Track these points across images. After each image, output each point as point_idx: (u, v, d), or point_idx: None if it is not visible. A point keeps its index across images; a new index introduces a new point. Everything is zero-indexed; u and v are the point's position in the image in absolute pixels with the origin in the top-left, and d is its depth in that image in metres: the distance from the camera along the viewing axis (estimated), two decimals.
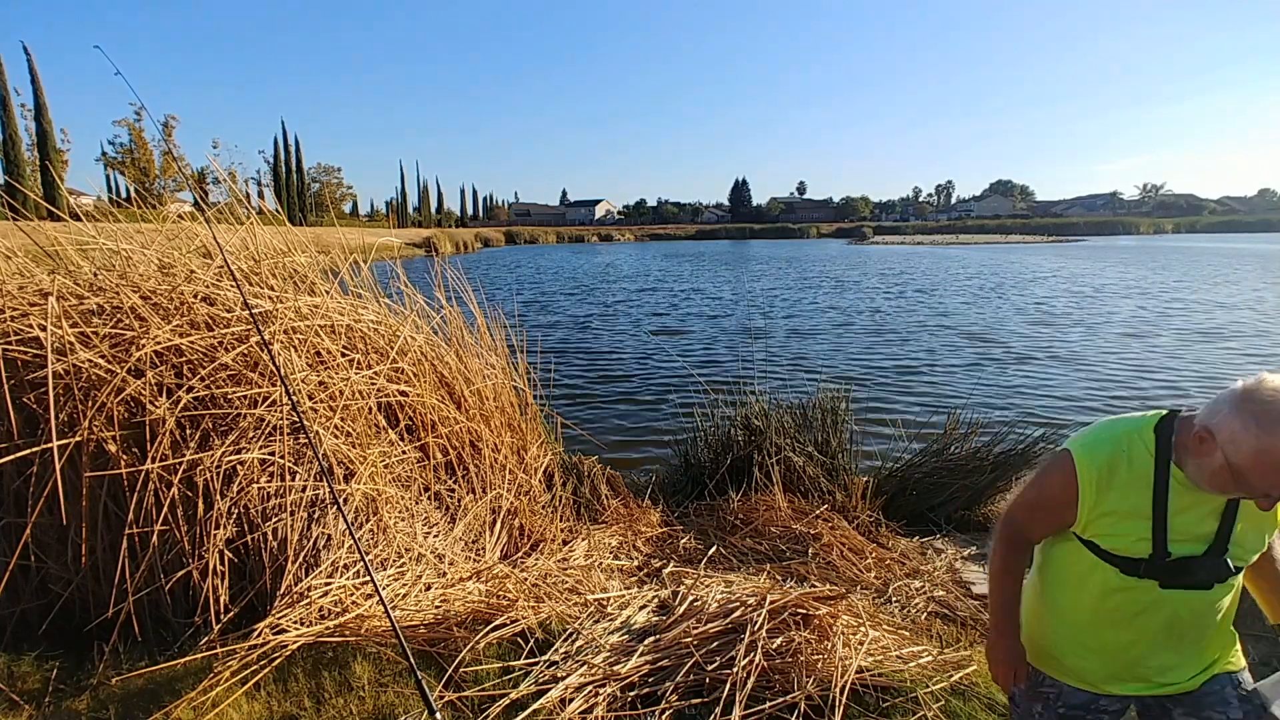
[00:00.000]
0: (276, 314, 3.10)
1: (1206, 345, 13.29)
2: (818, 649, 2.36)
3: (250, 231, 3.51)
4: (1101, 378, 10.88)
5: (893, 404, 9.36)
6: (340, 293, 3.66)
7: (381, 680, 2.29)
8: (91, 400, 2.67)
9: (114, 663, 2.44)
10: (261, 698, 2.22)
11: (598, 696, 2.14)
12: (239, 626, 2.59)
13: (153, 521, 2.60)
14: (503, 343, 4.40)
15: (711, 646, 2.32)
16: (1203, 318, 16.63)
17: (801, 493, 4.90)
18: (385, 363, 3.43)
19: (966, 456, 5.05)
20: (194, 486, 2.69)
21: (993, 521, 4.88)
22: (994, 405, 9.22)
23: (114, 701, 2.24)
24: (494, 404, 4.05)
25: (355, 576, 2.79)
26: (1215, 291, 22.21)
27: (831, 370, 11.09)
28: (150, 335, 2.79)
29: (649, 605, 2.66)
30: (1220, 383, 8.84)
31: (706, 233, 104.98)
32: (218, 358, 2.87)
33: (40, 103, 42.40)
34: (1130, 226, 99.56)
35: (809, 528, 4.19)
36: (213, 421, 2.82)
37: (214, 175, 4.21)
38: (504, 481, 3.78)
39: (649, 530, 4.34)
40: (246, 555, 2.77)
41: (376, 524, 3.02)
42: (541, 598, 2.88)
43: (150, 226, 3.44)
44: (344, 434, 3.09)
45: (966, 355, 12.78)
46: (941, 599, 3.43)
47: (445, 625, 2.62)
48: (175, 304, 2.99)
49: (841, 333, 15.25)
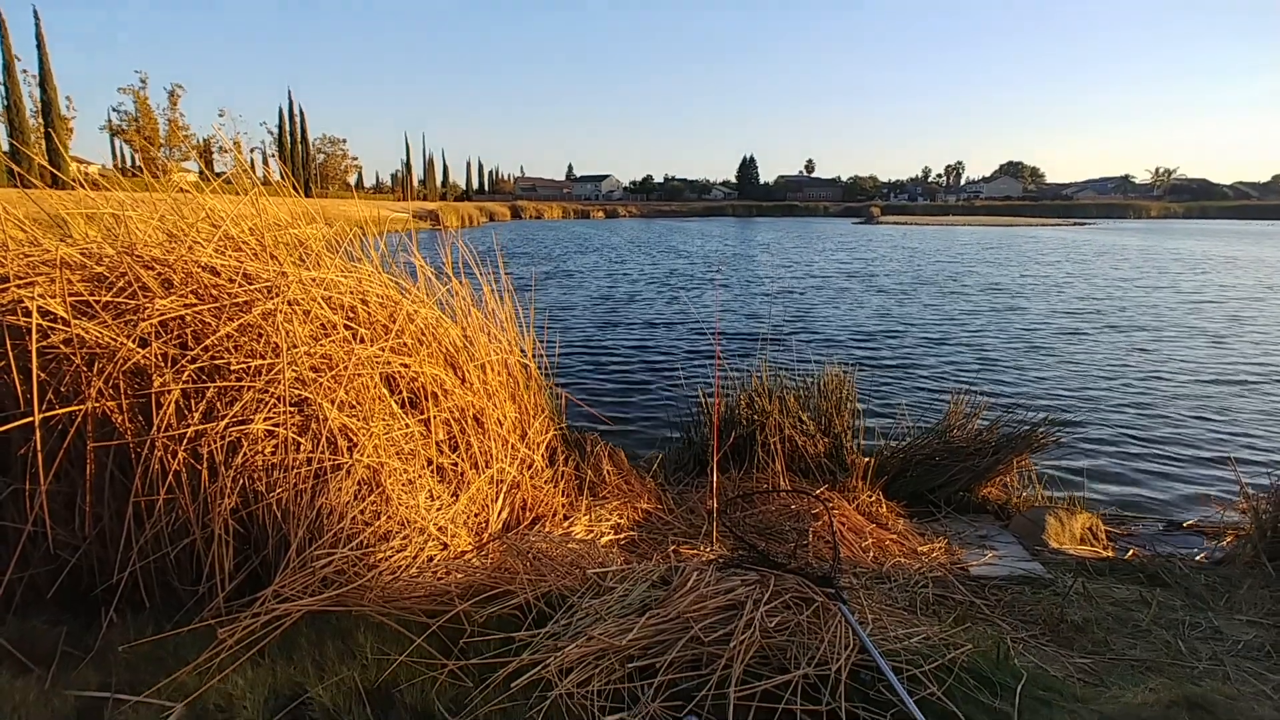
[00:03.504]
0: (281, 285, 3.09)
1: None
2: (816, 628, 2.38)
3: (255, 202, 3.49)
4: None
5: (900, 385, 9.36)
6: (346, 265, 3.65)
7: (384, 649, 2.32)
8: (97, 369, 2.68)
9: (121, 628, 2.48)
10: (265, 665, 2.26)
11: (596, 667, 2.17)
12: (243, 595, 2.62)
13: (158, 490, 2.62)
14: (509, 317, 4.39)
15: (709, 622, 2.34)
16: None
17: (803, 472, 4.92)
18: (390, 336, 3.43)
19: (969, 439, 5.05)
20: (199, 456, 2.72)
21: (991, 504, 4.90)
22: (1009, 388, 9.22)
23: (121, 666, 2.28)
24: (498, 378, 4.06)
25: (359, 547, 2.82)
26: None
27: (847, 346, 11.08)
28: (155, 305, 2.80)
29: (648, 580, 2.68)
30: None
31: (713, 210, 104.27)
32: (222, 328, 2.88)
33: (45, 69, 42.09)
34: (1141, 210, 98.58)
35: (809, 507, 4.21)
36: (217, 392, 2.84)
37: (219, 145, 4.19)
38: (507, 456, 3.80)
39: (650, 506, 4.37)
40: (251, 524, 2.80)
41: (379, 496, 3.04)
42: (543, 571, 2.91)
43: (157, 196, 3.43)
44: (347, 406, 3.10)
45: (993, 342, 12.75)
46: (939, 579, 3.45)
47: (448, 597, 2.65)
48: (180, 274, 2.98)
49: (853, 309, 15.22)
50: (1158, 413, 8.21)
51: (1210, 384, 9.52)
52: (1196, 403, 8.61)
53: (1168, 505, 5.69)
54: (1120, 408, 8.39)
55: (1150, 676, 2.55)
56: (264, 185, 3.60)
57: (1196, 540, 4.68)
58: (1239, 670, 2.67)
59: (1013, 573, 3.74)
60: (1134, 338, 12.67)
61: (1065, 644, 2.87)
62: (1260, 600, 3.33)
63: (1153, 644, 2.90)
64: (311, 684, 2.15)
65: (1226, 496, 5.40)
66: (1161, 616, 3.16)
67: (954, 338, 12.44)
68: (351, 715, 2.01)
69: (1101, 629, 2.99)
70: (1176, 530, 4.94)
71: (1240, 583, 3.55)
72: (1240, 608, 3.28)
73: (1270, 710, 2.27)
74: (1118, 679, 2.52)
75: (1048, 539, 4.25)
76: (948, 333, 12.92)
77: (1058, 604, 3.20)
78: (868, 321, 13.91)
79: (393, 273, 3.85)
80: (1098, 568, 3.84)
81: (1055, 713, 2.13)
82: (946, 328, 13.45)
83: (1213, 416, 8.09)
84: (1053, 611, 3.12)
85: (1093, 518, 4.67)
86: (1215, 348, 11.85)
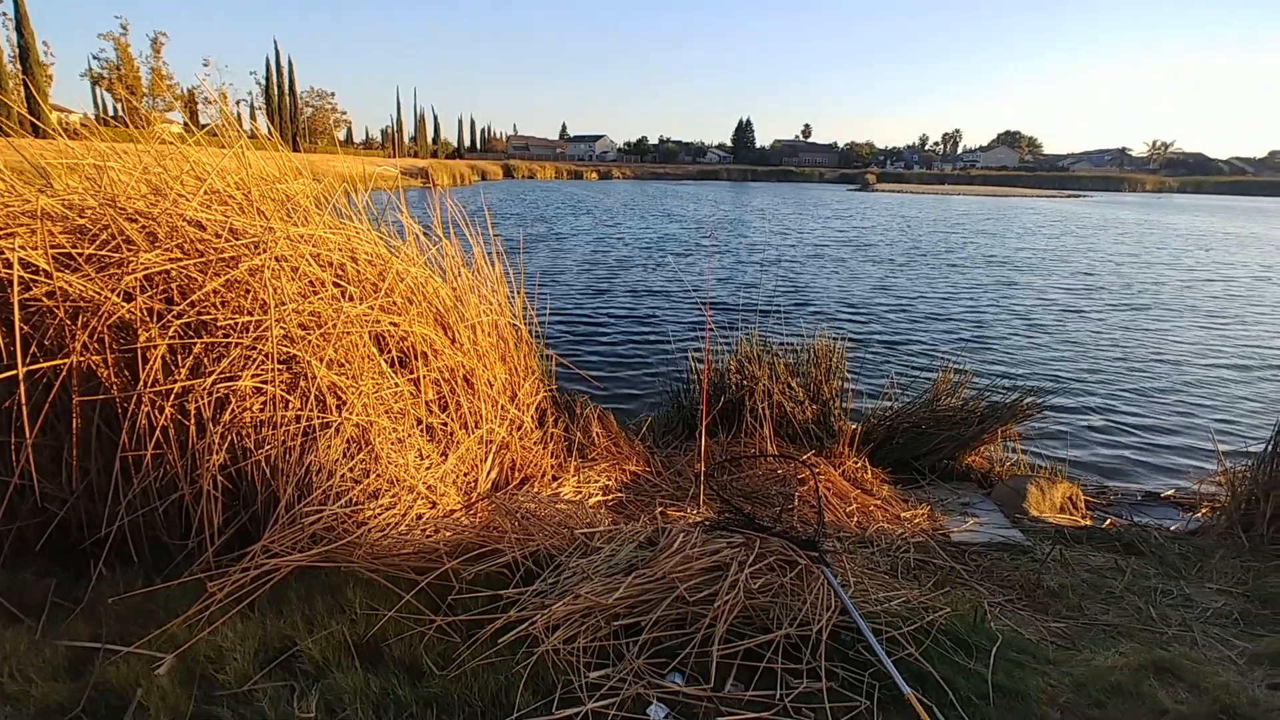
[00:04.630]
0: (268, 241, 3.05)
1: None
2: (799, 590, 2.43)
3: (241, 155, 3.42)
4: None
5: (891, 356, 9.40)
6: (335, 222, 3.60)
7: (373, 604, 2.35)
8: (81, 322, 2.65)
9: (111, 581, 2.50)
10: (255, 618, 2.28)
11: (582, 625, 2.21)
12: (232, 550, 2.64)
13: (146, 445, 2.62)
14: (500, 278, 4.36)
15: (694, 583, 2.38)
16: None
17: (790, 437, 4.96)
18: (379, 295, 3.40)
19: (955, 408, 5.10)
20: (186, 412, 2.71)
21: (974, 472, 4.98)
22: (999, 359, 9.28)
23: (111, 618, 2.31)
24: (488, 339, 4.05)
25: (348, 505, 2.83)
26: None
27: (839, 315, 11.10)
28: (139, 259, 2.75)
29: (635, 541, 2.72)
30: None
31: (708, 173, 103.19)
32: (208, 284, 2.84)
33: (21, 12, 40.71)
34: (1136, 184, 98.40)
35: (795, 472, 4.26)
36: (204, 348, 2.82)
37: (204, 95, 4.06)
38: (496, 416, 3.81)
39: (638, 469, 4.41)
40: (240, 481, 2.80)
41: (369, 454, 3.05)
42: (531, 531, 2.94)
43: (140, 147, 3.35)
44: (336, 365, 3.09)
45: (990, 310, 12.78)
46: (921, 545, 3.52)
47: (436, 555, 2.68)
48: (165, 228, 2.93)
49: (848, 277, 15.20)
50: (1144, 387, 8.30)
51: (1198, 361, 9.62)
52: (1183, 379, 8.71)
53: (1147, 477, 5.79)
54: (1107, 381, 8.48)
55: (1121, 641, 2.62)
56: (250, 139, 3.52)
57: (1173, 511, 4.77)
58: (1206, 636, 2.75)
59: (993, 539, 3.82)
60: (1128, 314, 12.75)
61: (1041, 609, 2.94)
62: (1231, 570, 3.42)
63: (1125, 610, 2.98)
64: (301, 637, 2.19)
65: (1205, 469, 5.50)
66: (1135, 584, 3.24)
67: (948, 311, 12.47)
68: (341, 668, 2.05)
69: (1076, 595, 3.07)
70: (1154, 501, 5.04)
71: (1213, 552, 3.64)
72: (1211, 576, 3.37)
73: (1234, 675, 2.34)
74: (1089, 643, 2.59)
75: (1028, 507, 4.33)
76: (942, 305, 12.95)
77: (1035, 570, 3.27)
78: (863, 292, 13.91)
79: (382, 231, 3.80)
80: (1075, 536, 3.93)
81: (1028, 674, 2.20)
82: (941, 300, 13.48)
83: (1197, 393, 8.20)
84: (1030, 577, 3.20)
85: (1073, 487, 4.75)
86: (1206, 326, 11.95)
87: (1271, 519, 3.73)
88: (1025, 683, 2.13)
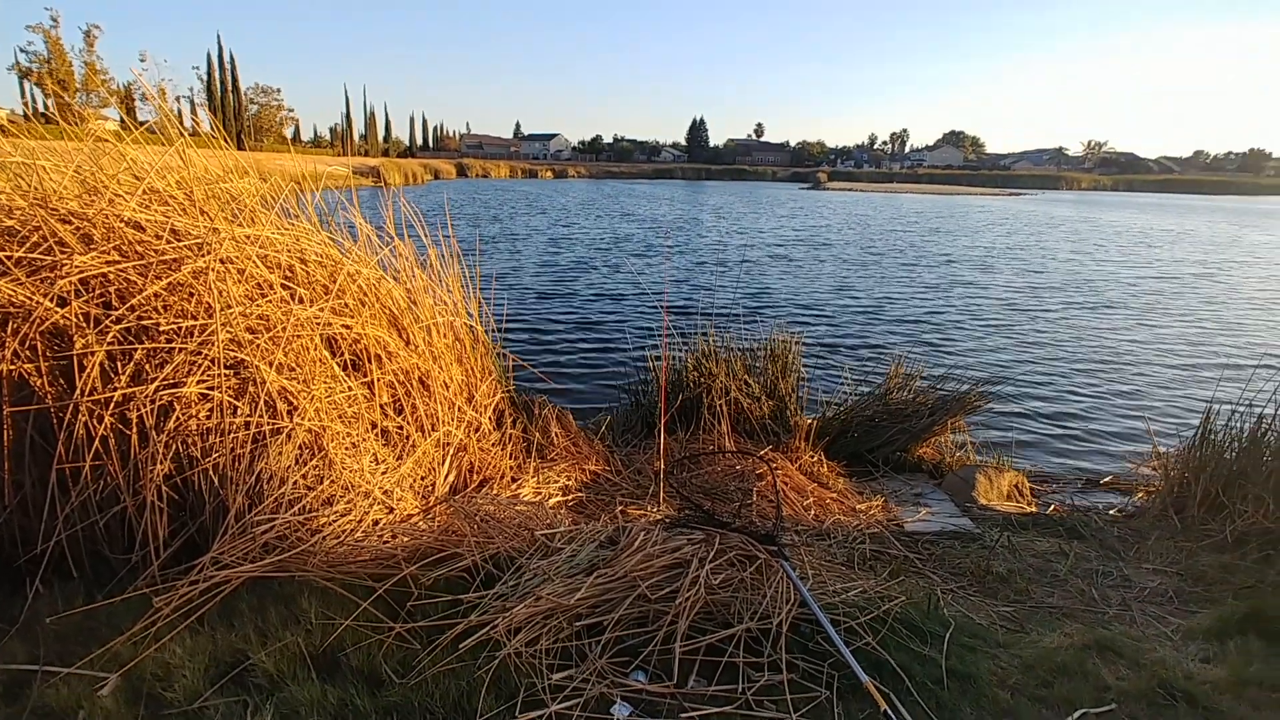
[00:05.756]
0: (213, 242, 2.95)
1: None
2: (759, 584, 2.46)
3: (183, 153, 3.30)
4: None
5: (846, 352, 9.57)
6: (282, 222, 3.50)
7: (329, 614, 2.30)
8: (11, 329, 2.53)
9: (49, 599, 2.39)
10: (205, 633, 2.21)
11: (544, 627, 2.20)
12: (179, 563, 2.55)
13: (84, 456, 2.51)
14: (455, 278, 4.30)
15: (656, 580, 2.39)
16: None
17: (748, 433, 5.02)
18: (330, 297, 3.32)
19: (907, 401, 5.23)
20: (127, 421, 2.60)
21: (926, 463, 5.11)
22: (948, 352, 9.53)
23: (50, 638, 2.21)
24: (444, 341, 4.00)
25: (301, 512, 2.77)
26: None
27: (794, 310, 11.25)
28: (74, 262, 2.64)
29: (596, 540, 2.72)
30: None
31: (663, 172, 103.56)
32: (149, 287, 2.74)
33: None
34: (1072, 182, 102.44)
35: (754, 467, 4.31)
36: (145, 354, 2.71)
37: (141, 91, 3.91)
38: (453, 419, 3.76)
39: (597, 468, 4.41)
40: (186, 491, 2.71)
41: (322, 460, 2.98)
42: (490, 533, 2.92)
43: (72, 145, 3.20)
44: (287, 369, 3.01)
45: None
46: (876, 536, 3.60)
47: (394, 561, 2.63)
48: (101, 229, 2.81)
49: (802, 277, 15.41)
50: (1086, 379, 8.65)
51: (1139, 354, 10.05)
52: (1123, 371, 9.10)
53: (1088, 464, 6.03)
54: (1052, 373, 8.80)
55: (1066, 622, 2.73)
56: (192, 136, 3.40)
57: (1112, 496, 4.98)
58: (1144, 615, 2.88)
59: (944, 528, 3.93)
60: (1073, 309, 13.24)
61: (990, 594, 3.05)
62: (1166, 550, 3.59)
63: (1069, 592, 3.11)
64: (254, 650, 2.13)
65: (1142, 455, 5.76)
66: (1078, 567, 3.37)
67: (899, 307, 12.77)
68: (296, 680, 2.00)
69: (1023, 579, 3.18)
70: (1095, 487, 5.25)
71: (1149, 534, 3.81)
72: (1148, 557, 3.53)
73: (1170, 650, 2.46)
74: (1036, 625, 2.69)
75: (977, 496, 4.47)
76: (892, 301, 13.25)
77: (984, 557, 3.38)
78: (819, 291, 14.14)
79: (332, 231, 3.72)
80: (1022, 522, 4.07)
81: (979, 658, 2.27)
82: (892, 296, 13.80)
83: (1136, 384, 8.57)
84: (980, 564, 3.30)
85: (1019, 475, 4.92)
86: (1146, 322, 12.49)
87: (1201, 501, 3.92)
88: (977, 666, 2.20)
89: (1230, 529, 3.60)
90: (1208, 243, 28.44)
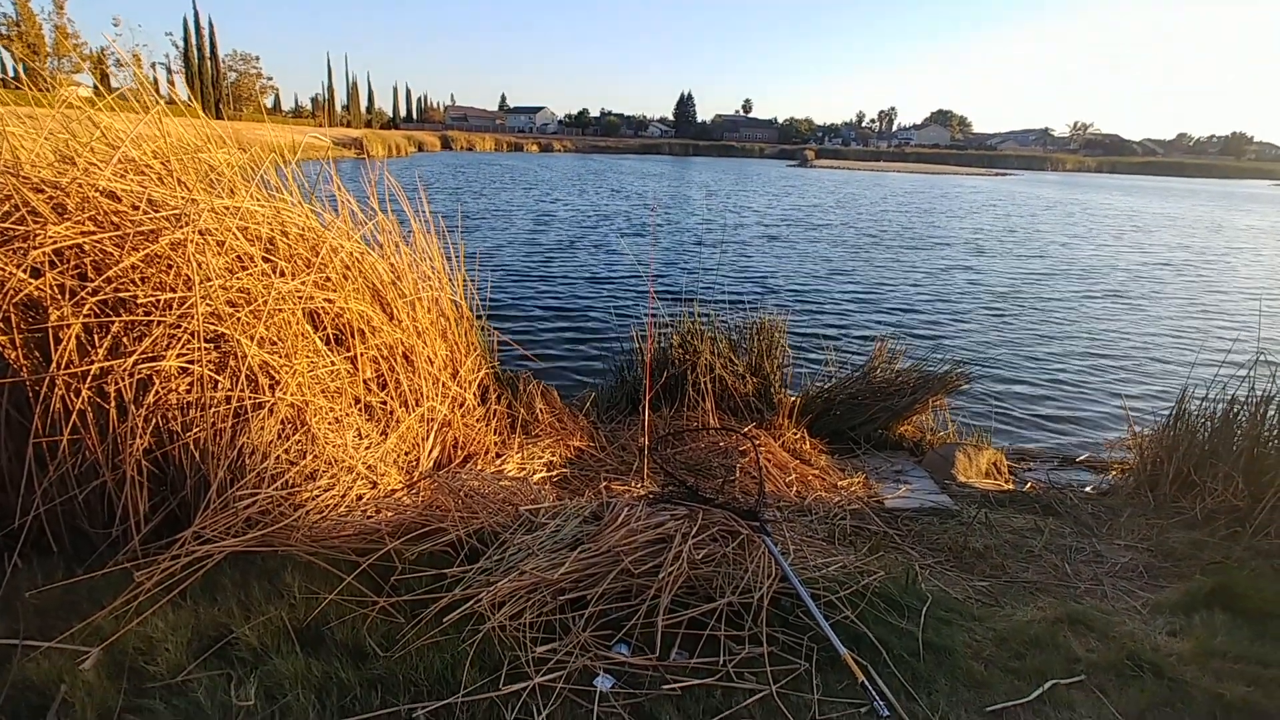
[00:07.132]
0: (191, 213, 2.89)
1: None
2: (741, 560, 2.49)
3: (159, 123, 3.22)
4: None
5: (833, 331, 9.61)
6: (263, 194, 3.44)
7: (313, 588, 2.30)
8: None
9: (28, 574, 2.38)
10: (187, 607, 2.21)
11: (528, 601, 2.22)
12: (161, 537, 2.54)
13: (61, 430, 2.48)
14: (439, 252, 4.26)
15: (639, 555, 2.42)
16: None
17: (732, 410, 5.05)
18: (312, 270, 3.28)
19: (889, 380, 5.28)
20: (105, 395, 2.57)
21: (907, 441, 5.17)
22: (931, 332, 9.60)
23: (29, 612, 2.19)
24: (428, 316, 3.97)
25: (284, 487, 2.76)
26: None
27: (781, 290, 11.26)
28: (47, 232, 2.58)
29: (580, 516, 2.74)
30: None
31: (650, 147, 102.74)
32: (126, 259, 2.69)
33: None
34: (1058, 163, 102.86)
35: (737, 444, 4.34)
36: (123, 327, 2.67)
37: (115, 57, 3.80)
38: (438, 394, 3.75)
39: (582, 444, 4.42)
40: (167, 465, 2.69)
41: (305, 435, 2.96)
42: (475, 509, 2.93)
43: (43, 111, 3.11)
44: (268, 343, 2.97)
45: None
46: (857, 512, 3.65)
47: (378, 535, 2.63)
48: (76, 199, 2.75)
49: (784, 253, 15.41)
50: (1065, 361, 8.76)
51: (1119, 335, 10.19)
52: (1102, 352, 9.23)
53: (1065, 443, 6.14)
54: (1033, 356, 8.91)
55: (1039, 596, 2.80)
56: (169, 104, 3.32)
57: (1088, 473, 5.08)
58: (1115, 589, 2.96)
59: (923, 505, 3.99)
60: (1059, 291, 13.36)
61: (967, 569, 3.11)
62: (1138, 527, 3.67)
63: (1043, 568, 3.17)
64: (237, 624, 2.13)
65: (1117, 434, 5.87)
66: (1052, 543, 3.45)
67: (888, 291, 12.82)
68: (280, 653, 2.01)
69: (999, 555, 3.25)
70: (1071, 465, 5.35)
71: (1122, 511, 3.90)
72: (1120, 534, 3.61)
73: (1139, 624, 2.53)
74: (1011, 599, 2.75)
75: (956, 473, 4.54)
76: (885, 286, 13.30)
77: (962, 533, 3.45)
78: (807, 273, 14.15)
79: (314, 204, 3.66)
80: (999, 499, 4.14)
81: (955, 631, 2.32)
82: (879, 279, 13.84)
83: (1113, 366, 8.70)
84: (957, 540, 3.36)
85: (997, 453, 5.00)
86: (1132, 303, 12.64)
87: (1174, 479, 4.01)
88: (953, 639, 2.25)
89: (1200, 507, 3.69)
90: (1192, 226, 28.74)
